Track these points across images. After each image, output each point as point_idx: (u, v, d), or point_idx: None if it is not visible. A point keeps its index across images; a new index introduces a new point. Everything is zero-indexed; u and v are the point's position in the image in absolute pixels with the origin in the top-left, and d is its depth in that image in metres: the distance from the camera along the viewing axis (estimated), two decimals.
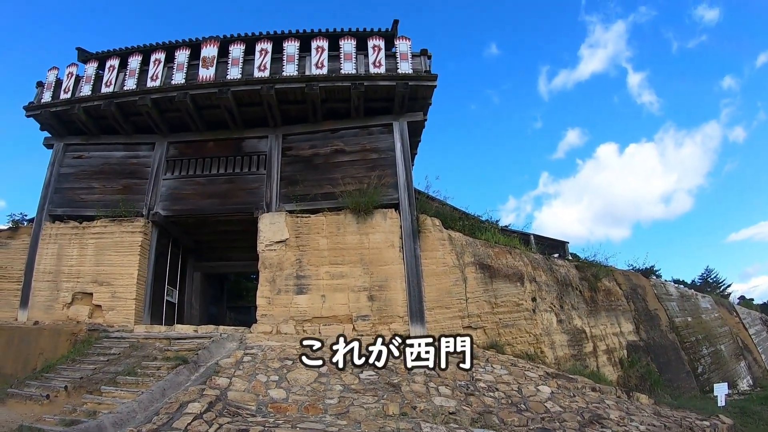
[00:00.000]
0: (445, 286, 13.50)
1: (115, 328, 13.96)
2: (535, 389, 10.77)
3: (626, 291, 19.64)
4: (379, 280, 13.50)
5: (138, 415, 8.46)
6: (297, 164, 15.29)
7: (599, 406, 10.69)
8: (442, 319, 13.26)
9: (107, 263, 14.94)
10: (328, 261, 13.83)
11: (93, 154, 16.79)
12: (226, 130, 16.02)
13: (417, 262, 13.57)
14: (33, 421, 8.78)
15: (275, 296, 13.62)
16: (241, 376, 9.99)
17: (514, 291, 13.83)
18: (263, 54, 15.44)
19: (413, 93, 14.85)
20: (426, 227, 14.02)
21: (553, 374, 12.03)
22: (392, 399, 9.30)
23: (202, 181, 15.61)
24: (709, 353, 24.57)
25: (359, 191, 14.17)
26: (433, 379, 10.30)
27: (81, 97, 16.31)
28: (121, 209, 15.32)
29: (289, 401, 9.26)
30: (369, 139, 15.28)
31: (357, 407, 8.93)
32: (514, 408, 9.64)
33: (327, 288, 13.55)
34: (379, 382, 9.98)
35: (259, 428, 7.64)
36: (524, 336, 13.59)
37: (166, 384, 9.67)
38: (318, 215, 14.34)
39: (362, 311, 13.26)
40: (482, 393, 10.06)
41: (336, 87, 14.80)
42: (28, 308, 15.13)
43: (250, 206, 14.90)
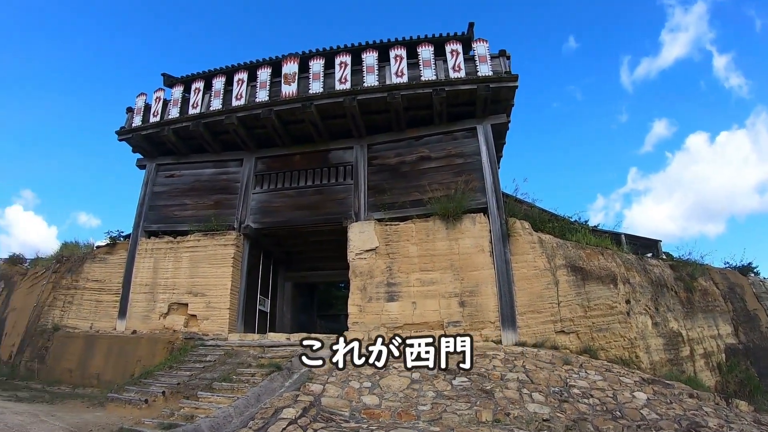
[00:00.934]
0: (536, 290, 13.30)
1: (209, 337, 14.53)
2: (631, 395, 10.40)
3: (723, 291, 18.80)
4: (470, 286, 13.43)
5: (234, 420, 8.67)
6: (383, 173, 15.47)
7: (697, 413, 10.22)
8: (534, 324, 13.07)
9: (201, 275, 15.58)
10: (418, 268, 13.87)
11: (184, 173, 17.58)
12: (312, 143, 16.42)
13: (507, 267, 13.43)
14: (132, 424, 9.21)
15: (366, 304, 13.80)
16: (334, 382, 10.12)
17: (607, 293, 13.49)
18: (343, 66, 15.73)
19: (495, 95, 14.75)
20: (515, 230, 13.88)
21: (649, 380, 11.63)
22: (485, 405, 9.20)
23: (291, 193, 16.04)
24: None
25: (447, 197, 14.17)
26: (526, 385, 10.12)
27: (170, 120, 17.13)
28: (214, 223, 15.97)
29: (382, 407, 9.31)
30: (453, 144, 15.26)
31: (450, 414, 8.90)
32: (609, 415, 9.37)
33: (418, 295, 13.59)
34: (471, 388, 9.90)
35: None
36: (618, 340, 13.21)
37: (260, 390, 9.91)
38: (407, 222, 14.44)
39: (453, 317, 13.21)
40: (576, 399, 9.82)
41: (417, 94, 14.86)
42: (126, 318, 16.05)
43: (338, 216, 15.17)
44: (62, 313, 17.19)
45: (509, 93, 14.92)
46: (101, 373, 14.64)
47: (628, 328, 13.38)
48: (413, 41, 15.89)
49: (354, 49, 16.11)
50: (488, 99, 14.75)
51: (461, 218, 14.02)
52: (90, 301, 17.13)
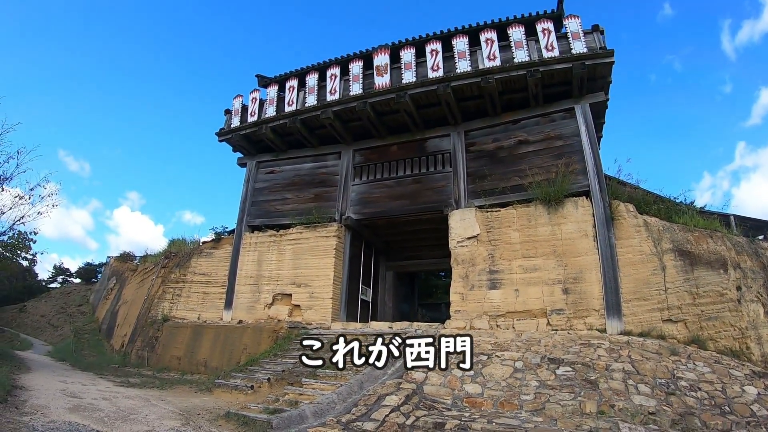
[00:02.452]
0: (642, 277, 12.87)
1: (313, 326, 15.02)
2: (741, 390, 9.90)
3: None
4: (573, 272, 13.19)
5: (337, 406, 8.97)
6: (481, 159, 15.40)
7: None
8: (640, 312, 12.66)
9: (304, 266, 16.13)
10: (521, 254, 13.77)
11: (284, 168, 18.22)
12: (408, 133, 16.61)
13: (612, 252, 13.07)
14: (239, 409, 9.57)
15: (468, 292, 13.86)
16: (437, 370, 10.04)
17: (716, 279, 12.85)
18: (434, 54, 15.79)
19: (591, 73, 14.33)
20: (619, 214, 13.48)
21: (761, 373, 10.98)
22: (589, 396, 9.06)
23: (390, 183, 16.32)
24: None
25: (547, 181, 13.99)
26: (631, 377, 9.86)
27: (267, 118, 17.77)
28: (315, 216, 16.48)
29: (484, 396, 9.37)
30: (551, 127, 14.98)
31: (553, 404, 8.83)
32: (717, 410, 9.02)
33: (520, 282, 13.52)
34: (575, 378, 9.77)
35: (455, 422, 7.77)
36: (728, 330, 12.54)
37: (363, 377, 10.21)
38: (507, 208, 14.33)
39: (557, 305, 13.04)
40: (684, 392, 9.48)
41: (511, 77, 14.69)
42: (232, 309, 16.87)
43: (438, 204, 15.29)
44: (171, 305, 18.30)
45: (606, 69, 14.39)
46: (208, 361, 15.48)
47: (738, 316, 12.71)
48: (503, 23, 15.69)
49: (444, 36, 16.11)
50: (584, 77, 14.36)
51: (563, 202, 13.76)
52: (197, 294, 18.13)
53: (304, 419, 8.36)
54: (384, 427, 7.89)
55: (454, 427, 7.59)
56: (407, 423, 7.97)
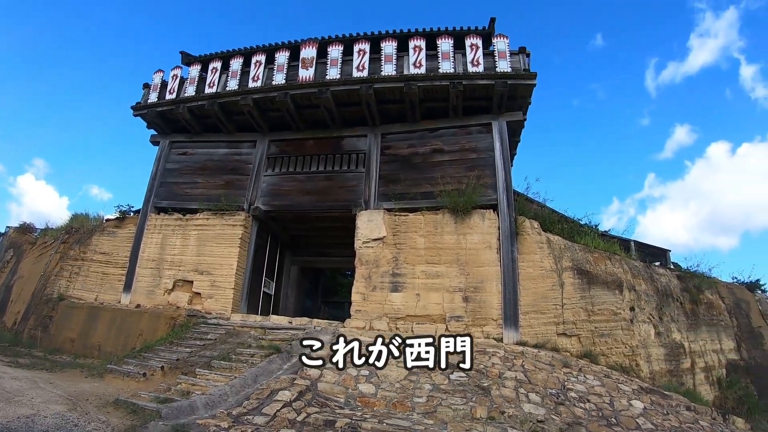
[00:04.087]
0: (541, 291, 13.34)
1: (212, 315, 14.69)
2: (628, 403, 10.45)
3: (729, 305, 18.77)
4: (475, 282, 13.50)
5: (229, 399, 8.82)
6: (395, 163, 15.54)
7: (693, 426, 10.28)
8: (537, 325, 13.13)
9: (208, 254, 15.74)
10: (425, 260, 13.96)
11: (197, 151, 17.73)
12: (326, 129, 16.51)
13: (514, 265, 13.49)
14: (129, 396, 9.24)
15: (370, 293, 13.91)
16: (332, 368, 10.04)
17: (612, 299, 13.51)
18: (361, 54, 15.81)
19: (512, 92, 14.78)
20: (524, 229, 13.91)
21: (648, 389, 11.66)
22: (481, 402, 9.25)
23: (302, 178, 16.17)
24: None
25: (458, 191, 14.23)
26: (523, 385, 10.17)
27: (185, 98, 17.27)
28: (223, 203, 16.10)
29: (378, 396, 9.40)
30: (467, 139, 15.31)
31: (445, 407, 8.96)
32: (604, 421, 9.41)
33: (422, 287, 13.69)
34: (468, 384, 9.96)
35: (346, 420, 7.81)
36: (620, 347, 13.22)
37: (258, 371, 10.06)
38: (416, 214, 14.49)
39: (456, 312, 13.31)
40: (573, 403, 9.86)
41: (434, 86, 14.91)
42: (131, 292, 16.26)
43: (348, 203, 15.27)
44: (68, 284, 17.41)
45: (526, 90, 14.91)
46: (102, 345, 14.87)
47: (630, 335, 13.41)
48: (433, 33, 15.89)
49: (373, 38, 16.16)
50: (505, 95, 14.78)
51: (470, 213, 14.08)
52: (96, 273, 17.34)
53: (194, 410, 8.19)
54: (274, 422, 7.82)
55: (344, 425, 7.61)
56: (298, 419, 7.92)
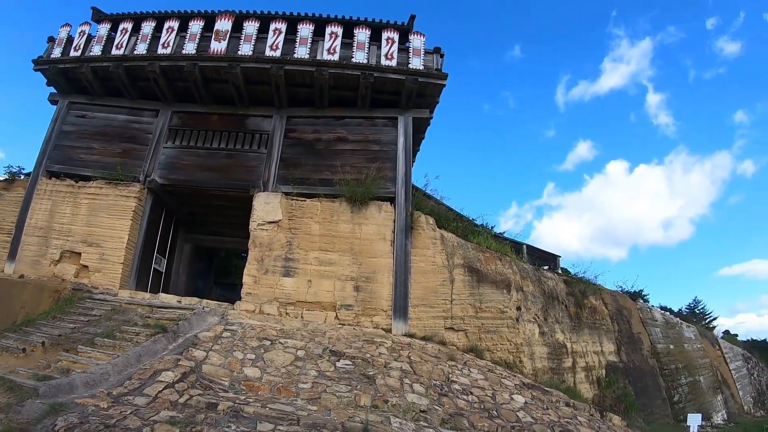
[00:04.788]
0: (431, 285, 13.68)
1: (99, 290, 14.14)
2: (509, 397, 10.81)
3: (612, 311, 19.82)
4: (367, 272, 13.71)
5: (111, 378, 8.55)
6: (298, 147, 15.46)
7: (571, 421, 10.74)
8: (425, 318, 13.45)
9: (99, 225, 15.14)
10: (319, 247, 14.03)
11: (96, 115, 16.95)
12: (231, 106, 16.18)
13: (407, 258, 13.77)
14: (5, 372, 8.85)
15: (262, 276, 13.83)
16: (218, 351, 10.08)
17: (499, 298, 13.97)
18: (276, 33, 15.57)
19: (421, 89, 15.03)
20: (419, 224, 14.21)
21: (529, 385, 12.12)
22: (365, 390, 9.36)
23: (202, 153, 15.77)
24: (687, 383, 25.09)
25: (357, 181, 14.38)
26: (408, 376, 10.35)
27: (90, 57, 16.47)
28: (119, 173, 15.49)
29: (263, 381, 9.35)
30: (372, 131, 15.45)
31: (329, 394, 9.02)
32: (485, 413, 9.69)
33: (314, 273, 13.75)
34: (354, 372, 10.08)
35: (228, 404, 7.74)
36: (505, 344, 13.72)
37: (142, 350, 9.77)
38: (313, 200, 14.52)
39: (347, 300, 13.49)
40: (456, 395, 10.12)
41: (345, 75, 14.93)
42: (15, 261, 15.40)
43: (247, 183, 15.08)
44: None
45: (435, 90, 15.22)
46: None
47: (515, 333, 13.90)
48: (352, 21, 15.90)
49: (291, 18, 15.94)
50: (414, 92, 15.03)
51: (368, 204, 14.26)
52: None
53: (73, 389, 7.90)
54: (155, 404, 7.63)
55: (226, 408, 7.52)
56: (180, 401, 7.77)
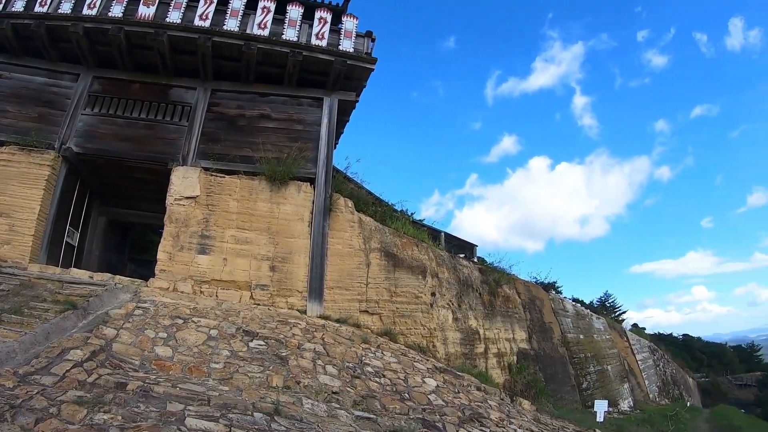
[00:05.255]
0: (347, 268, 13.88)
1: (7, 264, 13.52)
2: (421, 380, 11.09)
3: (525, 301, 20.51)
4: (283, 252, 13.75)
5: (18, 357, 8.29)
6: (220, 122, 15.25)
7: (481, 405, 11.14)
8: (341, 300, 13.66)
9: (9, 193, 14.41)
10: (236, 225, 13.95)
11: (13, 75, 16.16)
12: (155, 75, 15.73)
13: (324, 240, 13.90)
14: None
15: (177, 252, 13.66)
16: (130, 329, 9.92)
17: (415, 283, 14.27)
18: (207, 3, 15.20)
19: (350, 72, 15.08)
20: (338, 207, 14.36)
21: (442, 369, 12.46)
22: (278, 371, 9.41)
23: (121, 122, 15.29)
24: (595, 371, 26.57)
25: (278, 160, 14.33)
26: (321, 357, 10.48)
27: (11, 13, 15.61)
28: (33, 139, 14.85)
29: (174, 360, 9.28)
30: (297, 110, 15.42)
31: (241, 375, 9.02)
32: (397, 396, 9.92)
33: (230, 252, 13.68)
34: (267, 352, 10.10)
35: (138, 383, 7.61)
36: (419, 328, 14.04)
37: (51, 327, 9.51)
38: (233, 177, 14.38)
39: (262, 280, 13.49)
40: (368, 377, 10.31)
41: (274, 51, 14.79)
42: None
43: (165, 156, 14.77)
44: None
45: (364, 73, 15.31)
46: None
47: (429, 318, 14.23)
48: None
49: None
50: (342, 74, 15.08)
51: (287, 184, 14.28)
52: None
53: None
54: (63, 383, 7.44)
55: (136, 388, 7.38)
56: (88, 380, 7.60)
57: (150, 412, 6.27)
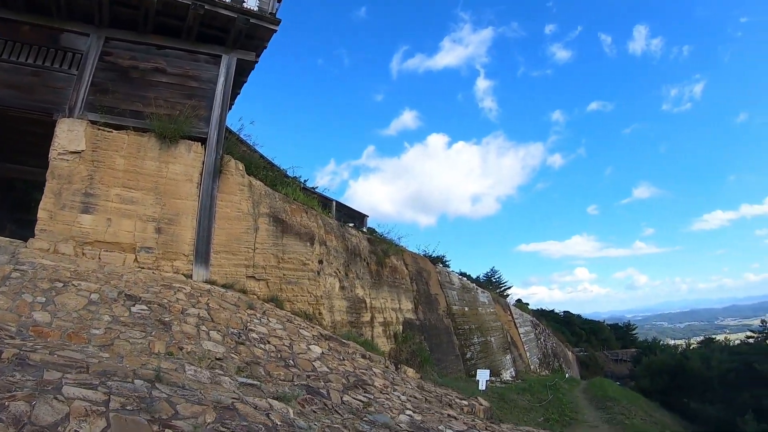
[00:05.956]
0: (235, 232, 13.96)
1: None
2: (307, 347, 11.41)
3: (412, 272, 21.22)
4: (170, 214, 13.58)
5: None
6: (112, 73, 14.74)
7: (366, 372, 11.64)
8: (228, 265, 13.74)
9: None
10: (122, 183, 13.56)
11: None
12: (47, 17, 14.93)
13: (212, 203, 13.86)
14: None
15: (59, 211, 13.17)
16: (6, 293, 9.59)
17: (302, 250, 14.55)
18: None
19: (251, 31, 14.91)
20: (229, 169, 14.29)
21: (327, 336, 12.87)
22: (160, 337, 9.35)
23: (7, 67, 14.48)
24: (479, 342, 28.27)
25: (170, 117, 14.01)
26: (206, 323, 10.51)
27: None
28: None
29: (53, 326, 9.03)
30: (193, 66, 15.12)
31: (123, 341, 8.88)
32: (282, 363, 10.14)
33: (115, 212, 13.30)
34: (150, 317, 9.99)
35: (14, 351, 7.28)
36: (305, 295, 14.37)
37: None
38: (121, 132, 13.92)
39: (147, 243, 13.27)
40: (253, 344, 10.45)
41: (175, 1, 14.29)
42: None
43: (51, 107, 14.19)
44: None
45: (266, 34, 15.15)
46: None
47: (316, 285, 14.57)
48: None
49: None
50: (243, 33, 14.89)
51: (178, 143, 14.03)
52: None
53: None
54: None
55: (12, 356, 7.11)
56: None
57: (26, 381, 6.04)
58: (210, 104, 14.61)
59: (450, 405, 12.62)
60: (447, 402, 12.75)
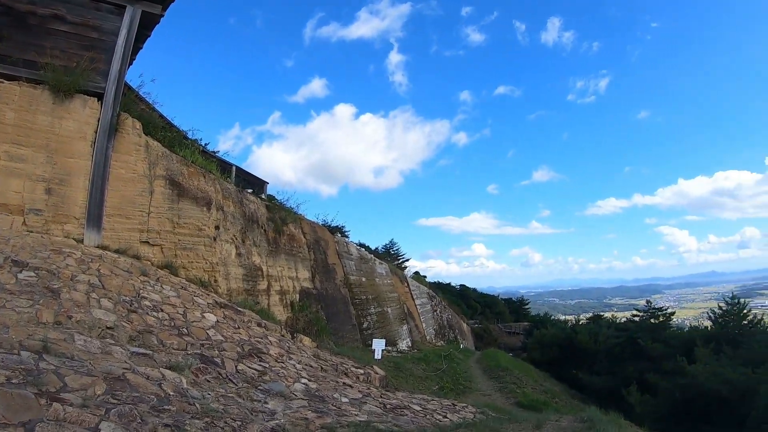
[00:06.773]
0: (129, 195, 13.60)
1: None
2: (201, 316, 11.41)
3: (310, 241, 21.75)
4: (61, 173, 12.88)
5: None
6: (7, 17, 13.61)
7: (261, 341, 11.91)
8: (121, 230, 13.40)
9: None
10: (11, 139, 12.60)
11: None
12: None
13: (106, 163, 13.30)
14: None
15: None
16: None
17: (199, 215, 14.53)
18: None
19: None
20: (125, 128, 13.75)
21: (222, 304, 13.00)
22: (48, 305, 8.90)
23: None
24: (376, 312, 29.61)
25: (66, 69, 13.28)
26: (96, 290, 10.17)
27: None
28: None
29: None
30: (95, 15, 14.26)
31: (8, 310, 8.34)
32: (175, 331, 10.09)
33: (3, 170, 12.35)
34: (37, 285, 9.51)
35: None
36: (201, 262, 14.39)
37: None
38: (12, 83, 12.98)
39: (37, 204, 12.50)
40: (146, 312, 10.29)
41: None
42: None
43: None
44: None
45: None
46: None
47: (212, 252, 14.64)
48: None
49: None
50: None
51: (73, 97, 13.30)
52: None
53: None
54: None
55: None
56: None
57: None
58: (110, 58, 13.96)
59: (346, 374, 13.10)
60: (343, 371, 13.21)
